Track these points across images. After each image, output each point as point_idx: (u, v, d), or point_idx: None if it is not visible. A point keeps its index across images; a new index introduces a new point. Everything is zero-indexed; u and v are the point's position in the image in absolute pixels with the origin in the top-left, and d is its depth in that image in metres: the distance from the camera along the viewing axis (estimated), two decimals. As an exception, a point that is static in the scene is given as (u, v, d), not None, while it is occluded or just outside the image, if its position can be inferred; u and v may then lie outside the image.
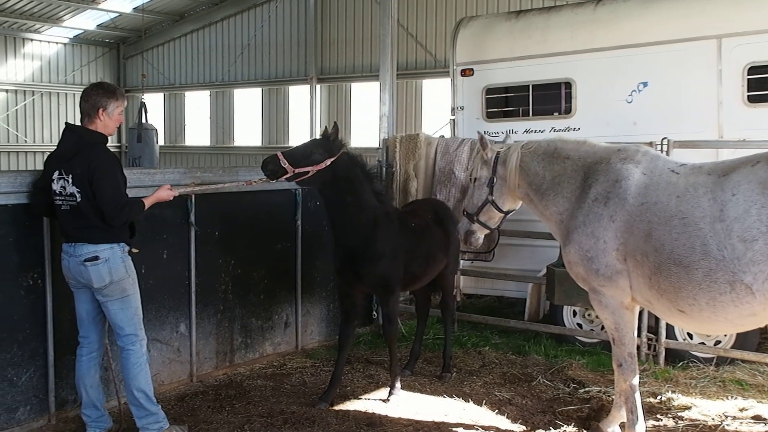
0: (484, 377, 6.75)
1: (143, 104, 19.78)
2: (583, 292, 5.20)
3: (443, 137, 8.80)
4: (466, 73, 9.03)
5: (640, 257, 4.60)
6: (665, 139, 6.83)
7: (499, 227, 7.67)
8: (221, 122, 25.70)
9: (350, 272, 6.07)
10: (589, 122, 8.14)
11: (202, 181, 6.34)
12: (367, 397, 6.30)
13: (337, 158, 5.78)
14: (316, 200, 7.39)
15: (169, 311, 6.36)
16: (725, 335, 6.95)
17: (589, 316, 7.70)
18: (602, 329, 7.35)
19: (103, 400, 5.33)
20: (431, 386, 6.54)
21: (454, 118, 9.19)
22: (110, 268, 4.92)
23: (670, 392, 6.22)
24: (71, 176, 4.85)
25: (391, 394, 6.19)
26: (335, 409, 5.96)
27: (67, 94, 26.98)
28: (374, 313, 8.40)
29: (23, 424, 5.40)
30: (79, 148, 4.90)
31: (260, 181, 5.99)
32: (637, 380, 5.00)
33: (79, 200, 4.84)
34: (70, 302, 5.25)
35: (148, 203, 5.15)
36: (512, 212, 5.62)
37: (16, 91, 26.13)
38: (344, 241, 6.00)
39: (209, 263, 6.64)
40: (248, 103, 25.03)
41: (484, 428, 5.56)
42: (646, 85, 7.85)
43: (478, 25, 9.26)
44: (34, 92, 26.53)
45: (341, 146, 5.88)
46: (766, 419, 5.66)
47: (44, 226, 5.37)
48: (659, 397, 6.15)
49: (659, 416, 5.74)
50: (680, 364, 6.98)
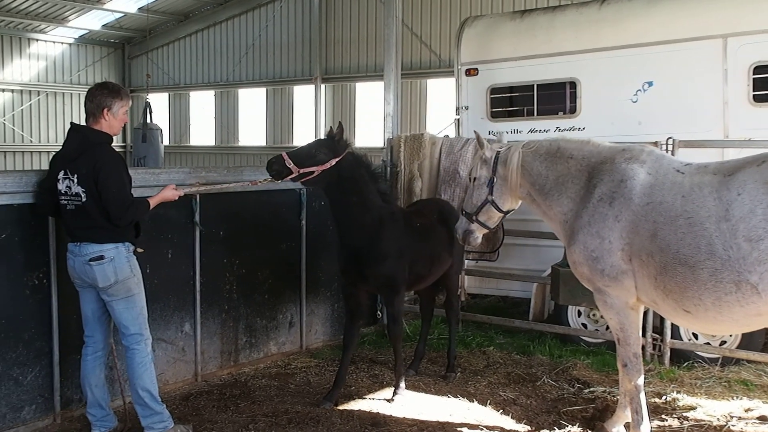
0: (488, 377, 6.75)
1: (148, 104, 19.81)
2: (587, 292, 5.18)
3: (448, 137, 8.79)
4: (470, 72, 9.03)
5: (645, 257, 4.59)
6: (670, 138, 6.82)
7: (501, 227, 7.79)
8: (226, 122, 25.72)
9: (355, 272, 6.07)
10: (594, 122, 8.13)
11: (206, 181, 6.35)
12: (371, 396, 6.30)
13: (342, 158, 5.78)
14: (320, 200, 7.39)
15: (173, 311, 6.37)
16: (731, 335, 6.93)
17: (593, 316, 7.69)
18: (607, 329, 7.33)
19: (108, 399, 5.34)
20: (436, 386, 6.54)
21: (458, 117, 9.18)
22: (115, 267, 4.93)
23: (675, 392, 6.21)
24: (76, 176, 4.86)
25: (395, 393, 6.19)
26: (340, 408, 5.96)
27: (72, 94, 27.05)
28: (379, 313, 8.39)
29: (28, 423, 5.42)
30: (84, 148, 4.90)
31: (265, 181, 5.99)
32: (642, 380, 4.98)
33: (84, 200, 4.85)
34: (75, 302, 5.26)
35: (153, 203, 5.16)
36: (511, 212, 5.61)
37: (21, 91, 26.20)
38: (349, 241, 6.00)
39: (214, 263, 6.64)
40: (253, 103, 25.06)
41: (488, 428, 5.55)
42: (651, 84, 7.84)
43: (482, 24, 9.25)
44: (39, 92, 26.60)
45: (346, 146, 5.88)
46: (771, 420, 5.65)
47: (50, 225, 5.38)
48: (664, 397, 6.14)
49: (664, 416, 5.73)
50: (685, 364, 6.96)
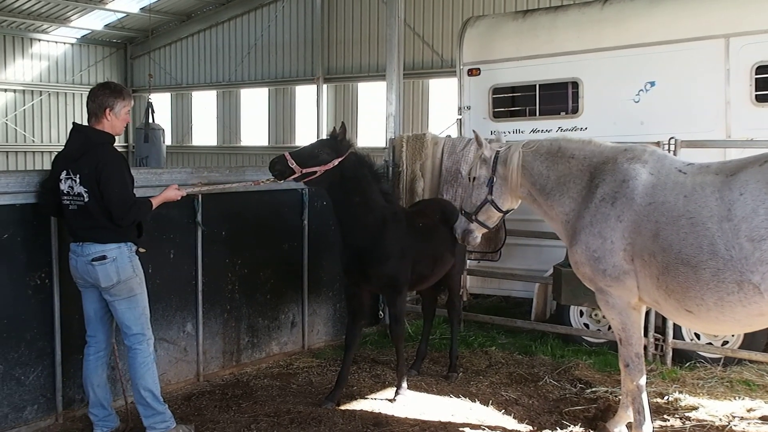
0: (490, 377, 6.75)
1: (150, 104, 19.82)
2: (589, 292, 5.18)
3: (450, 137, 8.79)
4: (472, 72, 9.03)
5: (647, 257, 4.58)
6: (673, 138, 6.81)
7: (503, 227, 7.79)
8: (228, 122, 25.73)
9: (358, 272, 6.07)
10: (596, 122, 8.13)
11: (209, 180, 6.35)
12: (373, 396, 6.30)
13: (344, 158, 5.78)
14: (322, 200, 7.39)
15: (176, 311, 6.37)
16: (733, 335, 6.92)
17: (595, 316, 7.68)
18: (609, 329, 7.32)
19: (110, 399, 5.35)
20: (438, 386, 6.54)
21: (460, 117, 9.18)
22: (118, 267, 4.93)
23: (677, 393, 6.20)
24: (79, 176, 4.87)
25: (397, 393, 6.19)
26: (342, 408, 5.96)
27: (74, 94, 27.05)
28: (381, 313, 8.40)
29: (30, 423, 5.42)
30: (86, 148, 4.91)
31: (268, 181, 5.99)
32: (644, 380, 4.98)
33: (86, 200, 4.86)
34: (77, 302, 5.26)
35: (155, 203, 5.16)
36: (511, 211, 5.60)
37: (23, 91, 26.22)
38: (352, 241, 6.00)
39: (216, 263, 6.65)
40: (255, 103, 25.06)
41: (490, 428, 5.55)
42: (653, 84, 7.83)
43: (484, 24, 9.25)
44: (41, 92, 26.62)
45: (349, 146, 5.88)
46: (774, 420, 5.65)
47: (52, 225, 5.39)
48: (666, 397, 6.13)
49: (666, 417, 5.73)
50: (687, 364, 6.96)
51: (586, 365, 7.00)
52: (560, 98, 8.57)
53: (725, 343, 7.03)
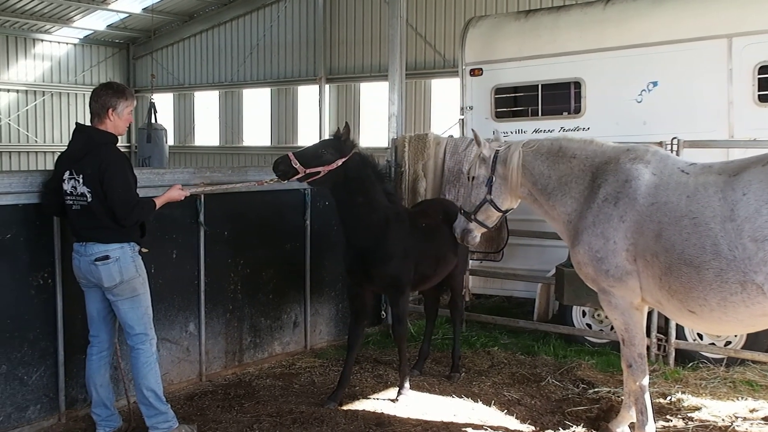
0: (493, 377, 6.74)
1: (153, 104, 19.85)
2: (592, 292, 5.18)
3: (452, 137, 8.79)
4: (475, 72, 9.02)
5: (650, 258, 4.58)
6: (675, 138, 6.81)
7: (505, 227, 7.79)
8: (230, 122, 25.76)
9: (361, 272, 6.07)
10: (598, 122, 8.12)
11: (211, 181, 6.36)
12: (375, 396, 6.30)
13: (348, 158, 5.78)
14: (324, 200, 7.40)
15: (178, 311, 6.38)
16: (735, 336, 6.92)
17: (598, 316, 7.68)
18: (612, 329, 7.32)
19: (112, 399, 5.35)
20: (440, 386, 6.54)
21: (463, 117, 9.18)
22: (121, 267, 4.94)
23: (680, 393, 6.20)
24: (82, 176, 4.87)
25: (400, 394, 6.18)
26: (344, 408, 5.96)
27: (77, 94, 27.10)
28: (383, 313, 8.40)
29: (33, 422, 5.43)
30: (89, 148, 4.92)
31: (272, 181, 5.99)
32: (646, 381, 4.98)
33: (89, 200, 4.86)
34: (80, 301, 5.27)
35: (159, 203, 5.17)
36: (510, 211, 5.59)
37: (26, 91, 26.26)
38: (355, 241, 6.00)
39: (218, 263, 6.65)
40: (257, 103, 25.07)
41: (493, 428, 5.55)
42: (656, 84, 7.82)
43: (487, 24, 9.25)
44: (44, 92, 26.66)
45: (352, 146, 5.87)
46: (777, 420, 5.64)
47: (55, 225, 5.39)
48: (669, 397, 6.12)
49: (669, 417, 5.72)
50: (690, 364, 6.95)
51: (588, 365, 6.99)
52: (563, 98, 8.56)
53: (728, 343, 7.02)
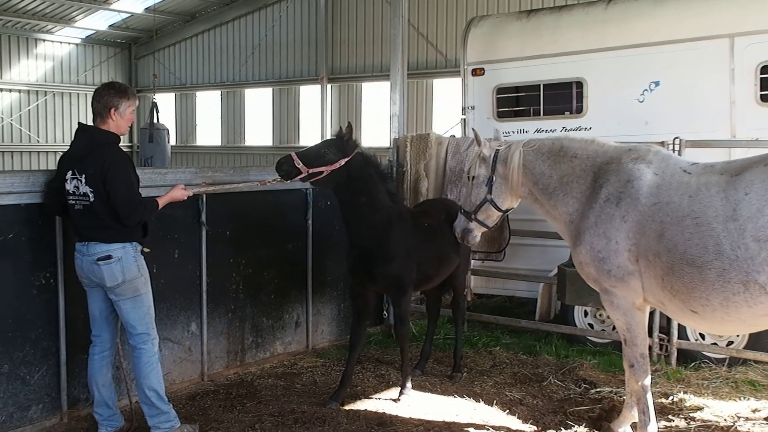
0: (494, 377, 6.74)
1: (155, 104, 19.86)
2: (594, 292, 5.17)
3: (454, 137, 8.79)
4: (476, 72, 9.02)
5: (652, 258, 4.57)
6: (677, 138, 6.80)
7: (507, 226, 7.78)
8: (232, 122, 25.78)
9: (364, 272, 6.07)
10: (600, 122, 8.11)
11: (213, 180, 6.36)
12: (377, 396, 6.30)
13: (351, 158, 5.78)
14: (326, 200, 7.40)
15: (180, 310, 6.38)
16: (738, 336, 6.91)
17: (600, 316, 7.67)
18: (613, 329, 7.32)
19: (115, 398, 5.36)
20: (442, 386, 6.53)
21: (464, 117, 9.17)
22: (123, 267, 4.94)
23: (682, 393, 6.19)
24: (84, 176, 4.88)
25: (401, 393, 6.18)
26: (346, 408, 5.96)
27: (79, 94, 27.14)
28: (385, 312, 8.40)
29: (36, 422, 5.43)
30: (91, 148, 4.92)
31: (275, 181, 5.99)
32: (648, 381, 4.98)
33: (92, 200, 4.87)
34: (82, 301, 5.27)
35: (161, 203, 5.17)
36: (510, 210, 5.59)
37: (28, 91, 26.30)
38: (358, 241, 6.00)
39: (220, 263, 6.65)
40: (259, 103, 25.09)
41: (494, 428, 5.54)
42: (657, 84, 7.82)
43: (488, 24, 9.24)
44: (46, 92, 26.70)
45: (355, 146, 5.87)
46: (779, 420, 5.64)
47: (57, 225, 5.40)
48: (671, 397, 6.12)
49: (671, 417, 5.72)
50: (692, 364, 6.95)
51: (590, 365, 6.99)
52: (564, 98, 8.55)
53: (730, 343, 7.02)
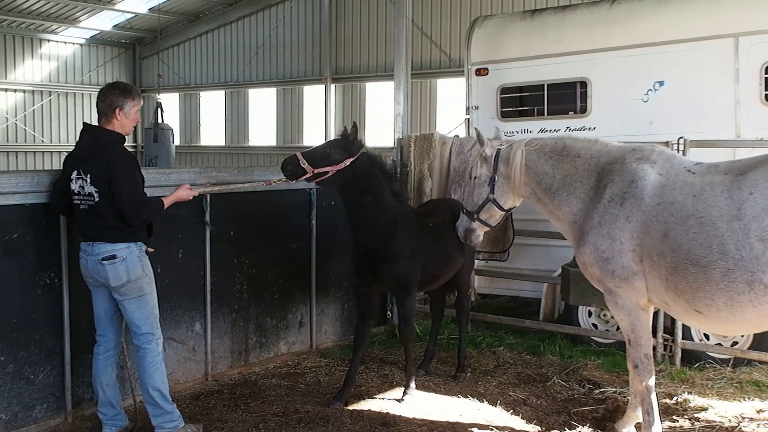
0: (498, 377, 6.74)
1: (159, 104, 19.85)
2: (598, 292, 5.17)
3: (458, 137, 8.78)
4: (480, 72, 9.01)
5: (656, 258, 4.56)
6: (681, 138, 6.79)
7: (511, 226, 7.78)
8: (236, 122, 25.80)
9: (369, 272, 6.07)
10: (604, 122, 8.10)
11: (217, 180, 6.36)
12: (381, 396, 6.30)
13: (356, 158, 5.78)
14: (330, 200, 7.40)
15: (184, 310, 6.39)
16: (742, 336, 6.90)
17: (604, 316, 7.66)
18: (617, 330, 7.30)
19: (119, 398, 5.37)
20: (446, 386, 6.53)
21: (468, 117, 9.17)
22: (127, 267, 4.95)
23: (686, 393, 6.19)
24: (89, 176, 4.89)
25: (405, 393, 6.18)
26: (350, 408, 5.96)
27: (83, 94, 27.17)
28: (389, 313, 8.40)
29: (40, 421, 5.44)
30: (96, 148, 4.93)
31: (280, 181, 6.00)
32: (652, 381, 4.97)
33: (97, 200, 4.88)
34: (86, 301, 5.28)
35: (167, 203, 5.18)
36: (513, 209, 5.58)
37: (33, 91, 26.33)
38: (363, 241, 6.00)
39: (224, 263, 6.66)
40: (263, 103, 25.11)
41: (498, 428, 5.54)
42: (662, 84, 7.81)
43: (492, 24, 9.24)
44: (51, 92, 26.74)
45: (360, 146, 5.88)
46: (783, 421, 5.62)
47: (61, 225, 5.41)
48: (675, 398, 6.11)
49: (675, 417, 5.71)
50: (696, 365, 6.93)
51: (594, 366, 6.98)
52: (568, 98, 8.54)
53: (735, 343, 7.00)
